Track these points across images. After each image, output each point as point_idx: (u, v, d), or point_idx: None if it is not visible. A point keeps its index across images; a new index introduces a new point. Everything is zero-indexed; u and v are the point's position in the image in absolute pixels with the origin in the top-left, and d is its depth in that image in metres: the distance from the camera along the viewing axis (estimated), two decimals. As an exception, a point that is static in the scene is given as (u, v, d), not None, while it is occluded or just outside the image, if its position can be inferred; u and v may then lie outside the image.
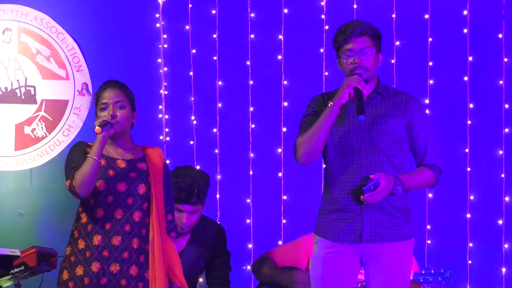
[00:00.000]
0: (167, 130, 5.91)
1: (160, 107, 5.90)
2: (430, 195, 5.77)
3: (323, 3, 5.90)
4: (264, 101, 5.91)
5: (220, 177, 5.87)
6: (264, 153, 5.89)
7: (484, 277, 5.74)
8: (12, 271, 4.48)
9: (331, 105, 3.98)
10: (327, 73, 5.85)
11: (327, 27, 5.86)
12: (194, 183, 4.71)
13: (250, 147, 5.88)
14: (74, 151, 4.11)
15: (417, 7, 5.86)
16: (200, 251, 4.86)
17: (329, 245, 4.05)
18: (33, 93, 5.83)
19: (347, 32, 4.06)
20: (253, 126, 5.89)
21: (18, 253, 4.48)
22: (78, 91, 5.86)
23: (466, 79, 5.82)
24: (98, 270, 4.00)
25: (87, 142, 4.13)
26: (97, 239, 4.02)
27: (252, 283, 5.70)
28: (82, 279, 4.00)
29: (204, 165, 5.77)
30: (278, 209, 5.85)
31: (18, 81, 5.82)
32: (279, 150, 5.88)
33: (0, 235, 5.65)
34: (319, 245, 4.08)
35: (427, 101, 5.78)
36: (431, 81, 5.84)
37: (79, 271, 4.01)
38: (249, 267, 5.31)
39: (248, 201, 5.87)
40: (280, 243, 5.76)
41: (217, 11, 5.91)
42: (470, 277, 5.74)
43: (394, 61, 5.82)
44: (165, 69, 5.92)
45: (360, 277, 4.42)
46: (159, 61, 5.91)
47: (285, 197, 5.85)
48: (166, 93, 5.92)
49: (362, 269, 4.11)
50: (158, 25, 5.93)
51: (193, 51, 5.92)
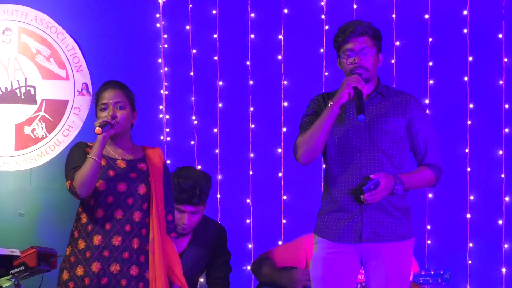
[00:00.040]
0: (167, 130, 5.91)
1: (160, 107, 5.90)
2: (430, 195, 5.77)
3: (323, 3, 5.90)
4: (264, 101, 5.91)
5: (220, 177, 5.87)
6: (264, 153, 5.89)
7: (484, 277, 5.74)
8: (12, 271, 4.48)
9: (331, 104, 3.98)
10: (327, 73, 5.85)
11: (327, 27, 5.86)
12: (196, 184, 4.69)
13: (250, 147, 5.88)
14: (74, 152, 4.11)
15: (417, 7, 5.86)
16: (201, 252, 4.85)
17: (329, 246, 4.04)
18: (33, 93, 5.82)
19: (348, 31, 4.05)
20: (253, 126, 5.89)
21: (18, 253, 4.48)
22: (78, 91, 5.86)
23: (466, 79, 5.82)
24: (98, 270, 4.00)
25: (87, 142, 4.13)
26: (97, 239, 4.02)
27: (252, 283, 5.70)
28: (82, 279, 4.00)
29: (204, 165, 5.77)
30: (278, 209, 5.84)
31: (18, 81, 5.82)
32: (279, 150, 5.88)
33: (0, 235, 5.65)
34: (319, 245, 4.08)
35: (427, 101, 5.78)
36: (431, 81, 5.84)
37: (80, 271, 4.01)
38: (249, 267, 5.31)
39: (248, 201, 5.87)
40: (280, 243, 5.76)
41: (217, 11, 5.91)
42: (470, 277, 5.74)
43: (394, 61, 5.82)
44: (166, 69, 5.92)
45: (360, 277, 4.42)
46: (160, 61, 5.91)
47: (285, 197, 5.85)
48: (166, 93, 5.92)
49: (362, 269, 4.11)
50: (158, 25, 5.93)
51: (194, 51, 5.92)
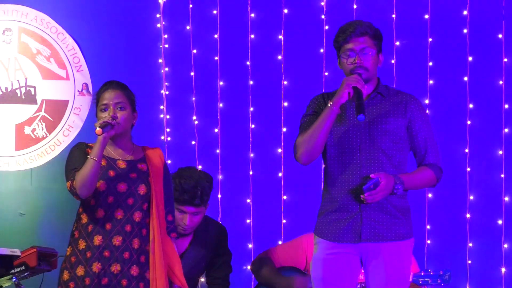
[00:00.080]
0: (168, 130, 5.91)
1: (161, 107, 5.90)
2: (430, 195, 5.77)
3: (323, 3, 5.91)
4: (264, 101, 5.91)
5: (221, 177, 5.87)
6: (264, 153, 5.89)
7: (483, 277, 5.74)
8: (12, 271, 4.48)
9: (330, 104, 3.98)
10: (327, 73, 5.85)
11: (327, 27, 5.86)
12: (198, 184, 4.68)
13: (250, 147, 5.88)
14: (74, 152, 4.10)
15: (417, 7, 5.86)
16: (202, 252, 4.84)
17: (329, 246, 4.04)
18: (33, 93, 5.82)
19: (348, 31, 4.05)
20: (253, 126, 5.89)
21: (18, 253, 4.48)
22: (78, 91, 5.86)
23: (466, 79, 5.82)
24: (99, 270, 4.00)
25: (88, 143, 4.13)
26: (97, 240, 4.02)
27: (252, 283, 5.70)
28: (83, 279, 4.00)
29: (205, 165, 5.77)
30: (278, 209, 5.84)
31: (18, 81, 5.82)
32: (279, 150, 5.88)
33: (0, 235, 5.65)
34: (319, 246, 4.07)
35: (427, 101, 5.78)
36: (431, 81, 5.84)
37: (80, 271, 4.01)
38: (249, 267, 5.31)
39: (248, 201, 5.87)
40: (280, 243, 5.75)
41: (218, 11, 5.92)
42: (469, 277, 5.74)
43: (394, 61, 5.82)
44: (166, 69, 5.92)
45: (360, 277, 4.42)
46: (160, 61, 5.91)
47: (285, 197, 5.85)
48: (167, 93, 5.92)
49: (362, 269, 4.12)
50: (158, 25, 5.93)
51: (194, 51, 5.93)
